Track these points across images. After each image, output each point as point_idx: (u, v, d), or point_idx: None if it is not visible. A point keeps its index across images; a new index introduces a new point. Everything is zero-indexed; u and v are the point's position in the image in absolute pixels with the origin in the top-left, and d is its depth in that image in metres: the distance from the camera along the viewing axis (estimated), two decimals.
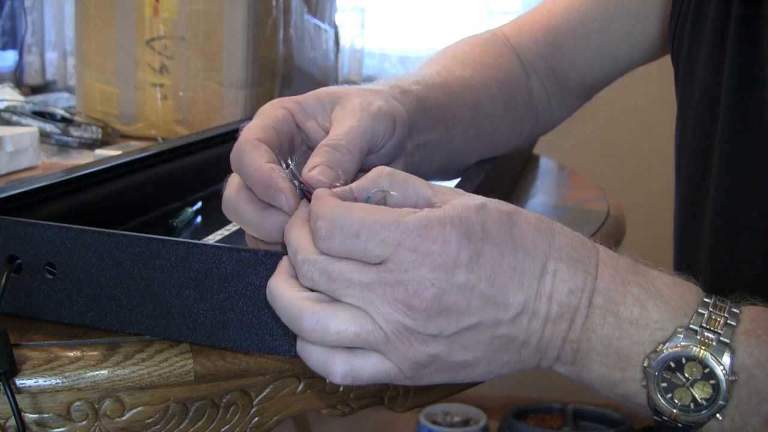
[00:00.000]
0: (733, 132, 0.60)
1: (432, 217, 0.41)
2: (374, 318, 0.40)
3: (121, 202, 0.68)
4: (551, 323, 0.43)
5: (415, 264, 0.40)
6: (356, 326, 0.41)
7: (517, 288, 0.42)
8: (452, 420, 2.07)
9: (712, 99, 0.61)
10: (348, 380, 0.42)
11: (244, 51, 1.18)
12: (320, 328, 0.41)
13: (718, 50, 0.61)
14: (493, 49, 0.77)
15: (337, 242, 0.41)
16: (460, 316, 0.41)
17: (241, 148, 0.48)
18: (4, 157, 0.96)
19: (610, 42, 0.76)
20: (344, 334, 0.41)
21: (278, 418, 0.55)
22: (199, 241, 0.49)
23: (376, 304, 0.40)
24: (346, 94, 0.54)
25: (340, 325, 0.40)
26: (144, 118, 1.24)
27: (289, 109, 0.52)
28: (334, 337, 0.41)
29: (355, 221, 0.41)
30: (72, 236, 0.49)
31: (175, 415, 0.52)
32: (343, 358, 0.41)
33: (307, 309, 0.41)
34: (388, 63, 2.17)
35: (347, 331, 0.41)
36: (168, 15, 1.20)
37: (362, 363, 0.42)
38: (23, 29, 2.04)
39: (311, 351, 0.42)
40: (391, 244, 0.40)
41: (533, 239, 0.43)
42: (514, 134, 0.77)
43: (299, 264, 0.42)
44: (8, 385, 0.46)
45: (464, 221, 0.41)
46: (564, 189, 1.02)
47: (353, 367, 0.41)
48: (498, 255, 0.41)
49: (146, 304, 0.49)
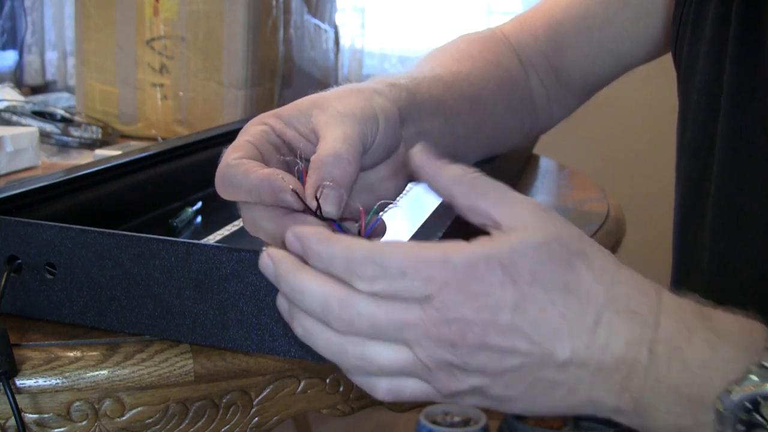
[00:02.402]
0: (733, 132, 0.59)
1: (480, 255, 0.40)
2: (417, 354, 0.40)
3: (121, 202, 0.68)
4: (604, 375, 0.41)
5: (459, 304, 0.39)
6: (400, 363, 0.41)
7: (565, 336, 0.40)
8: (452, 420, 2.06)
9: (711, 99, 0.61)
10: (390, 397, 0.42)
11: (244, 51, 1.18)
12: (366, 363, 0.41)
13: (718, 50, 0.61)
14: (491, 46, 0.76)
15: (384, 283, 0.40)
16: (504, 356, 0.40)
17: (225, 172, 0.47)
18: (4, 157, 0.96)
19: (612, 39, 0.76)
20: (388, 370, 0.41)
21: (278, 418, 0.55)
22: (199, 242, 0.49)
23: (421, 342, 0.40)
24: (325, 100, 0.53)
25: (384, 362, 0.41)
26: (144, 118, 1.24)
27: (268, 122, 0.51)
28: (377, 371, 0.41)
29: (401, 260, 0.40)
30: (72, 236, 0.49)
31: (175, 415, 0.52)
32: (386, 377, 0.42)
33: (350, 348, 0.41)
34: (388, 63, 2.17)
35: (391, 367, 0.41)
36: (168, 15, 1.20)
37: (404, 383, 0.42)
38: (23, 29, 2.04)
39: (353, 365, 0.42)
40: (437, 283, 0.39)
41: (589, 289, 0.41)
42: (514, 131, 0.77)
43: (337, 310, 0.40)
44: (8, 385, 0.46)
45: (513, 263, 0.40)
46: (564, 189, 1.02)
47: (395, 385, 0.42)
48: (546, 301, 0.40)
49: (146, 304, 0.49)
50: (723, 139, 0.60)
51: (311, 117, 0.52)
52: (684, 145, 0.66)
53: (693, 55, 0.64)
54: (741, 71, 0.59)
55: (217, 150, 0.85)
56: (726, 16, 0.60)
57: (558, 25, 0.77)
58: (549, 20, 0.78)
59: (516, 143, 0.79)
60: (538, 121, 0.80)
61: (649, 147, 2.03)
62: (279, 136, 0.52)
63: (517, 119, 0.76)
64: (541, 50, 0.78)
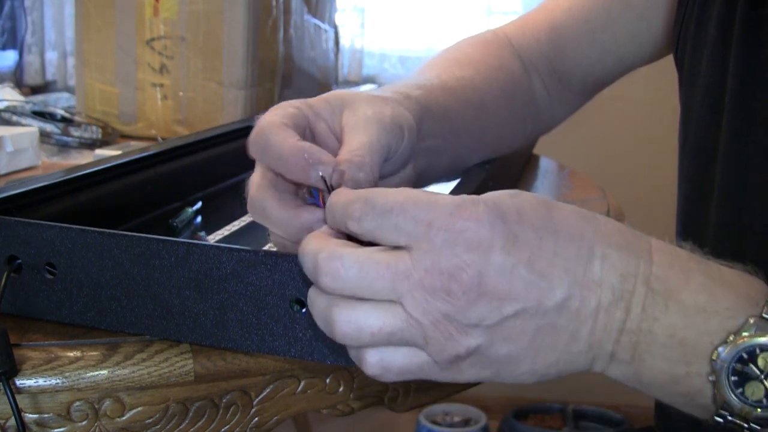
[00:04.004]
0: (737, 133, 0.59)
1: (465, 198, 0.39)
2: (410, 311, 0.39)
3: (121, 202, 0.68)
4: (603, 312, 0.40)
5: (448, 243, 0.38)
6: (391, 325, 0.39)
7: (561, 272, 0.39)
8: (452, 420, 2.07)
9: (715, 99, 0.61)
10: (378, 370, 0.40)
11: (244, 51, 1.18)
12: (354, 330, 0.39)
13: (722, 51, 0.60)
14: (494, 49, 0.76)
15: (370, 220, 0.39)
16: (502, 302, 0.39)
17: (266, 130, 0.47)
18: (4, 157, 0.96)
19: (614, 40, 0.76)
20: (379, 335, 0.39)
21: (278, 418, 0.55)
22: (199, 241, 0.49)
23: (414, 294, 0.38)
24: (355, 100, 0.53)
25: (374, 325, 0.39)
26: (144, 118, 1.24)
27: (301, 108, 0.51)
28: (368, 339, 0.39)
29: (389, 199, 0.39)
30: (72, 236, 0.49)
31: (175, 415, 0.52)
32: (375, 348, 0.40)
33: (337, 311, 0.39)
34: (388, 63, 2.17)
35: (382, 330, 0.39)
36: (168, 15, 1.20)
37: (394, 354, 0.40)
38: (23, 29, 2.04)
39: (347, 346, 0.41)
40: (423, 222, 0.38)
41: (576, 225, 0.40)
42: (517, 135, 0.77)
43: (323, 263, 0.39)
44: (8, 385, 0.46)
45: (498, 204, 0.39)
46: (564, 189, 1.02)
47: (383, 357, 0.40)
48: (536, 239, 0.39)
49: (146, 305, 0.49)
50: (726, 140, 0.60)
51: (341, 115, 0.52)
52: (686, 145, 0.66)
53: (696, 56, 0.64)
54: (745, 72, 0.59)
55: (218, 150, 0.86)
56: (730, 17, 0.60)
57: (560, 27, 0.77)
58: (551, 22, 0.78)
59: (519, 145, 0.79)
60: (541, 123, 0.80)
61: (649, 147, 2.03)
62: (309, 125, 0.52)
63: (520, 122, 0.76)
64: (543, 52, 0.78)
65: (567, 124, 0.87)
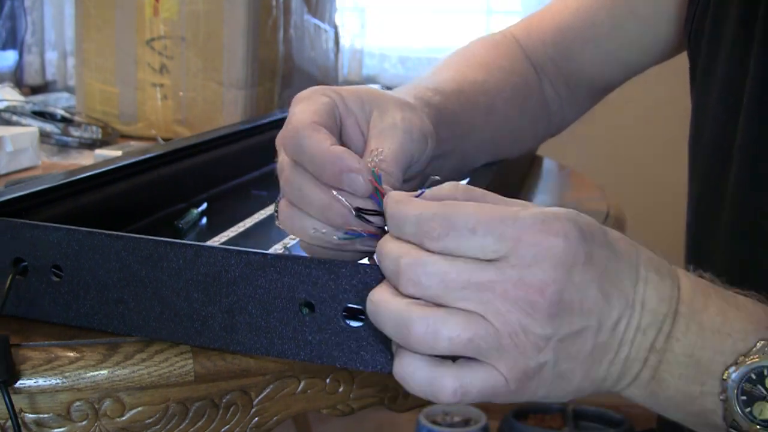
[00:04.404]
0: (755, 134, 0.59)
1: (547, 212, 0.39)
2: (490, 320, 0.38)
3: (125, 203, 0.68)
4: (641, 333, 0.41)
5: (537, 259, 0.38)
6: (470, 331, 0.38)
7: (619, 293, 0.41)
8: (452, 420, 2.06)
9: (733, 99, 0.60)
10: (457, 398, 0.39)
11: (244, 51, 1.18)
12: (431, 333, 0.38)
13: (742, 51, 0.60)
14: (506, 51, 0.76)
15: (452, 239, 0.39)
16: (573, 317, 0.39)
17: (300, 131, 0.46)
18: (4, 157, 0.96)
19: (619, 46, 0.76)
20: (457, 341, 0.38)
21: (278, 418, 0.55)
22: (207, 244, 0.49)
23: (496, 304, 0.38)
24: (386, 102, 0.52)
25: (453, 330, 0.38)
26: (144, 118, 1.24)
27: (333, 98, 0.50)
28: (445, 344, 0.38)
29: (471, 217, 0.39)
30: (79, 238, 0.49)
31: (175, 415, 0.52)
32: (451, 373, 0.39)
33: (417, 314, 0.38)
34: (388, 63, 2.17)
35: (460, 337, 0.38)
36: (168, 15, 1.20)
37: (472, 377, 0.39)
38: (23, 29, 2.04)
39: (416, 369, 0.39)
40: (511, 238, 0.38)
41: (626, 247, 0.42)
42: (527, 137, 0.77)
43: (406, 268, 0.39)
44: (7, 393, 0.46)
45: (576, 219, 0.40)
46: (564, 189, 1.02)
47: (463, 382, 0.39)
48: (604, 257, 0.40)
49: (154, 307, 0.48)
50: (743, 139, 0.59)
51: (371, 114, 0.51)
52: (700, 144, 0.66)
53: (712, 55, 0.64)
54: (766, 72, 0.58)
55: (222, 151, 0.86)
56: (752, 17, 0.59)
57: (565, 31, 0.77)
58: (557, 25, 0.78)
59: (530, 147, 0.79)
60: (551, 125, 0.80)
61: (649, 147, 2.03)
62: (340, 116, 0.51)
63: (532, 124, 0.76)
64: (549, 55, 0.78)
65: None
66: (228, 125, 0.96)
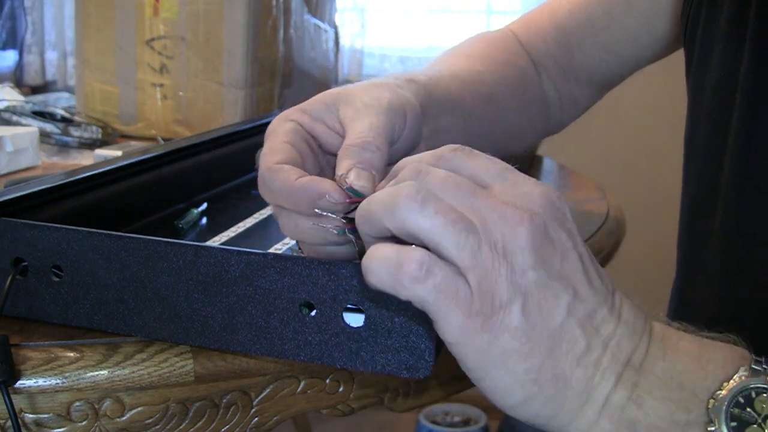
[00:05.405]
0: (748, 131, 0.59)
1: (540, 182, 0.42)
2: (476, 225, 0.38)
3: (125, 203, 0.68)
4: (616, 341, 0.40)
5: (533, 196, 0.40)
6: (455, 213, 0.38)
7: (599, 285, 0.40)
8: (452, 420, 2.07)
9: (726, 96, 0.60)
10: (421, 272, 0.37)
11: (244, 51, 1.18)
12: (424, 194, 0.38)
13: (735, 47, 0.60)
14: (505, 46, 0.76)
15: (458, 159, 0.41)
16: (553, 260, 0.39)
17: (265, 179, 0.48)
18: (4, 157, 0.96)
19: (617, 43, 0.76)
20: (443, 212, 0.38)
21: (278, 418, 0.55)
22: (207, 244, 0.49)
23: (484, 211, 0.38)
24: (350, 93, 0.53)
25: (445, 204, 0.38)
26: (144, 118, 1.24)
27: (296, 119, 0.51)
28: (432, 207, 0.38)
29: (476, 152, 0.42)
30: (79, 239, 0.49)
31: (175, 415, 0.52)
32: (423, 251, 0.38)
33: (406, 191, 0.38)
34: (388, 63, 2.17)
35: (449, 210, 0.38)
36: (168, 15, 1.20)
37: (442, 265, 0.38)
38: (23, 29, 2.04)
39: (387, 247, 0.38)
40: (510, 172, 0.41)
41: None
42: (527, 132, 0.76)
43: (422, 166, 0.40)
44: (7, 393, 0.46)
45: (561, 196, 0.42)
46: (564, 189, 1.02)
47: (432, 261, 0.37)
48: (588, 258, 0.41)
49: (154, 308, 0.48)
50: (737, 137, 0.59)
51: (338, 111, 0.52)
52: (695, 143, 0.65)
53: (706, 51, 0.63)
54: (759, 69, 0.58)
55: (222, 151, 0.86)
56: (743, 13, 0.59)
57: (563, 28, 0.77)
58: (555, 22, 0.78)
59: (529, 144, 0.79)
60: (551, 121, 0.80)
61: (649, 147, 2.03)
62: (308, 132, 0.52)
63: (530, 120, 0.76)
64: (548, 52, 0.78)
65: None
66: (228, 125, 0.96)
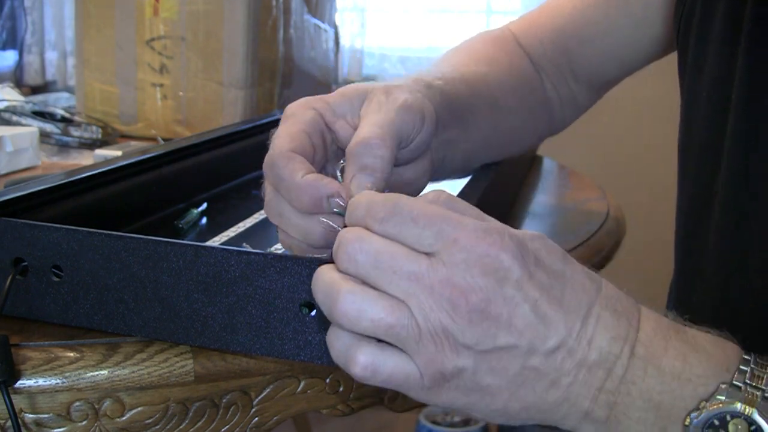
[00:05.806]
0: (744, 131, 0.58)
1: (493, 226, 0.40)
2: (413, 312, 0.39)
3: (125, 203, 0.68)
4: (586, 369, 0.41)
5: (468, 263, 0.39)
6: (393, 317, 0.39)
7: (560, 322, 0.40)
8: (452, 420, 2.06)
9: (722, 97, 0.60)
10: (367, 373, 0.40)
11: (244, 51, 1.18)
12: (356, 310, 0.39)
13: (730, 48, 0.60)
14: (506, 48, 0.76)
15: (393, 224, 0.40)
16: (499, 332, 0.39)
17: (276, 161, 0.48)
18: (4, 157, 0.96)
19: (615, 45, 0.76)
20: (378, 324, 0.39)
21: (278, 418, 0.55)
22: (207, 244, 0.49)
23: (420, 298, 0.39)
24: (371, 90, 0.53)
25: (377, 312, 0.39)
26: (144, 118, 1.24)
27: (318, 109, 0.51)
28: (367, 324, 0.39)
29: (416, 209, 0.40)
30: (79, 239, 0.49)
31: (175, 415, 0.52)
32: (369, 349, 0.40)
33: (346, 288, 0.39)
34: (388, 63, 2.17)
35: (382, 320, 0.39)
36: (168, 15, 1.20)
37: (386, 360, 0.40)
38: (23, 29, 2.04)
39: (339, 336, 0.40)
40: (448, 238, 0.39)
41: (583, 282, 0.42)
42: (528, 134, 0.77)
43: (344, 243, 0.40)
44: (7, 393, 0.46)
45: (522, 243, 0.40)
46: (564, 189, 1.02)
47: (376, 360, 0.40)
48: (548, 284, 0.40)
49: (154, 308, 0.48)
50: (733, 137, 0.59)
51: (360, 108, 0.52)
52: (690, 143, 0.65)
53: (700, 53, 0.63)
54: (754, 69, 0.58)
55: (222, 151, 0.86)
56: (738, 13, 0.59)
57: (561, 31, 0.78)
58: (553, 25, 0.78)
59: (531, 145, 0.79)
60: (553, 123, 0.80)
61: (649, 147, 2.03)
62: (327, 125, 0.52)
63: (532, 121, 0.76)
64: (547, 54, 0.78)
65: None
66: (228, 125, 0.96)
